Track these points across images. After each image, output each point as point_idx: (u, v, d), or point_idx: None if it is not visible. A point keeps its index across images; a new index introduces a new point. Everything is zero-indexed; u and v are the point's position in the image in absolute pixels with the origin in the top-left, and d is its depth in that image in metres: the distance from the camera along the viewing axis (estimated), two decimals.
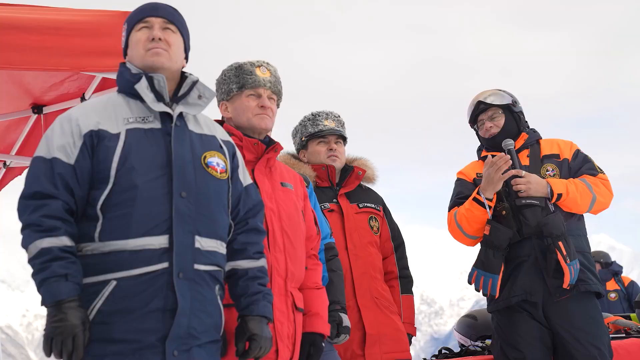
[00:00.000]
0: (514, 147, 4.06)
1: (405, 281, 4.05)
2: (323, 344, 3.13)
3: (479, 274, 3.92)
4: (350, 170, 4.04)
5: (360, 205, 4.01)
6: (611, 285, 8.26)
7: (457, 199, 4.13)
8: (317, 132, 4.01)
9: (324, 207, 3.90)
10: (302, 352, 3.06)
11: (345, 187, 4.02)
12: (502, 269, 3.90)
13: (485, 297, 4.08)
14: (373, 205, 4.06)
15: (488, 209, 3.91)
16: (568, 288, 3.84)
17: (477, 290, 3.94)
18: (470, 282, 3.94)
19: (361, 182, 4.10)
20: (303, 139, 4.06)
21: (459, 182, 4.23)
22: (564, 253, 3.81)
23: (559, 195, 3.93)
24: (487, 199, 3.92)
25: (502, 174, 3.88)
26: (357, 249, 3.88)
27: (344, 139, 4.08)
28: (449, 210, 4.16)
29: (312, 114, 4.06)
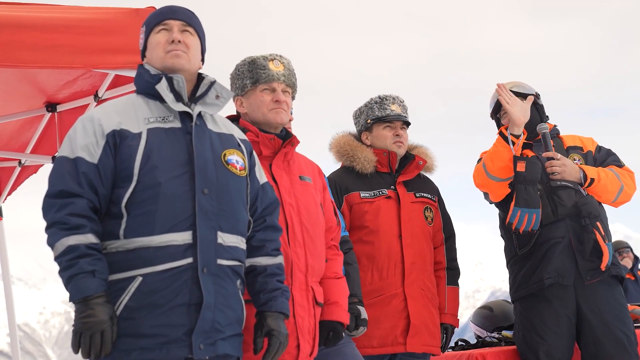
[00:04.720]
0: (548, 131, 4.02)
1: (453, 273, 4.03)
2: (343, 333, 3.13)
3: (523, 212, 3.82)
4: (410, 158, 4.01)
5: (417, 195, 3.98)
6: None
7: None
8: (384, 117, 3.98)
9: (381, 192, 3.89)
10: (320, 337, 3.05)
11: (404, 174, 3.99)
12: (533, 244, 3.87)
13: (509, 286, 4.03)
14: (429, 196, 4.03)
15: (512, 145, 3.83)
16: (603, 270, 3.83)
17: (518, 228, 3.83)
18: (511, 222, 3.82)
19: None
20: (369, 121, 4.02)
21: None
22: (603, 233, 3.80)
23: (592, 180, 3.91)
24: (512, 134, 3.85)
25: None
26: (410, 238, 3.85)
27: (408, 125, 4.06)
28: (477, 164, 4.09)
29: (380, 97, 4.03)
